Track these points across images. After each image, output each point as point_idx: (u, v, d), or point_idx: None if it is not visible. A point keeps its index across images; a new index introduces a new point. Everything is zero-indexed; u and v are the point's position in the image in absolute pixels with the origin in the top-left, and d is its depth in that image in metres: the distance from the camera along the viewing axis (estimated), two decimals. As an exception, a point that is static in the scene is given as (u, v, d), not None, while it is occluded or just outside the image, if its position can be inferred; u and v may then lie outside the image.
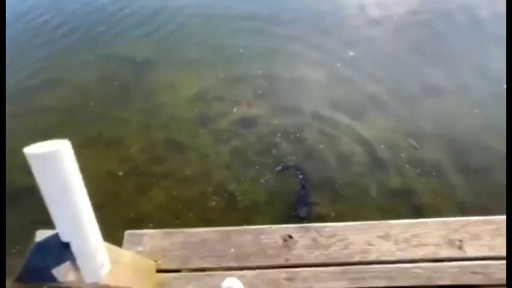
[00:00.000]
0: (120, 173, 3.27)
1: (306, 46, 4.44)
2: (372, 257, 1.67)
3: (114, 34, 4.84)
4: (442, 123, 3.51)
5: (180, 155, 3.40)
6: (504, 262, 1.65)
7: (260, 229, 1.78)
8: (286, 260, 1.69)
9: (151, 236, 1.78)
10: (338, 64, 4.16)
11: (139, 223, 2.94)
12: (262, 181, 3.15)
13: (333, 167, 3.23)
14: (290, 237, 1.76)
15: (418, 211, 2.88)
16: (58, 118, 3.76)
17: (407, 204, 2.98)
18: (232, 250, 1.73)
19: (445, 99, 3.73)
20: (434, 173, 3.12)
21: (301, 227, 1.79)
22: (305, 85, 3.99)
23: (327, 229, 1.77)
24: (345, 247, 1.71)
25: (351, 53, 4.27)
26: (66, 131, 3.59)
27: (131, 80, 4.17)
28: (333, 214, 2.89)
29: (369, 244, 1.72)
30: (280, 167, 3.21)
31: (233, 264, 1.68)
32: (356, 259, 1.67)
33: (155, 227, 2.88)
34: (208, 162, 3.33)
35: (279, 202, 3.04)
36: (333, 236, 1.75)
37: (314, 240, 1.74)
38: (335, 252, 1.68)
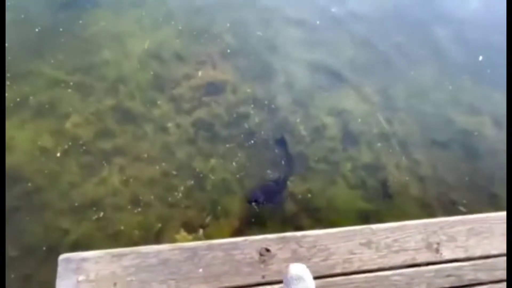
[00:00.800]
0: (59, 150, 2.65)
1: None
2: (354, 267, 1.54)
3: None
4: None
5: (134, 127, 2.85)
6: (475, 262, 1.67)
7: (232, 243, 1.49)
8: (263, 277, 1.47)
9: (96, 260, 1.39)
10: (318, 22, 3.62)
11: (89, 210, 2.49)
12: (233, 158, 2.84)
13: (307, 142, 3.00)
14: (267, 250, 1.53)
15: (384, 185, 2.88)
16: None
17: (375, 179, 2.95)
18: (200, 270, 1.43)
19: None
20: (401, 147, 3.08)
21: (280, 237, 1.55)
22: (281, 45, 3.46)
23: (308, 238, 1.56)
24: (327, 258, 1.54)
25: (333, 10, 3.72)
26: None
27: (61, 25, 3.19)
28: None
29: (351, 252, 1.57)
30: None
31: (203, 286, 1.44)
32: (338, 270, 1.52)
33: (110, 215, 2.49)
34: (169, 136, 2.87)
35: (251, 181, 2.79)
36: (314, 246, 1.56)
37: (294, 252, 1.53)
38: (316, 265, 1.50)
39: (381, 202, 2.71)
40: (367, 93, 3.23)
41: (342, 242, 1.58)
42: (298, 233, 1.57)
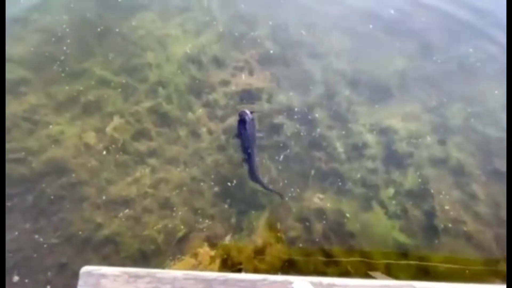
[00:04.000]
0: (100, 147, 2.68)
1: None
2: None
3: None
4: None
5: (168, 130, 2.78)
6: None
7: (250, 281, 1.31)
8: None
9: (114, 278, 1.31)
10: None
11: (121, 207, 2.46)
12: (262, 170, 2.61)
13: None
14: (288, 291, 1.31)
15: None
16: (24, 72, 2.96)
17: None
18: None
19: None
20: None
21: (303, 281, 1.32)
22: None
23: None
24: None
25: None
26: (34, 90, 2.86)
27: (114, 26, 3.23)
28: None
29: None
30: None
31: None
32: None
33: (139, 215, 2.44)
34: (201, 142, 2.74)
35: (277, 196, 2.55)
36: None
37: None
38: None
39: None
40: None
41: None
42: (325, 280, 1.31)
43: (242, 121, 2.53)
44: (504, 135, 2.61)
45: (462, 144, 2.60)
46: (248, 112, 2.55)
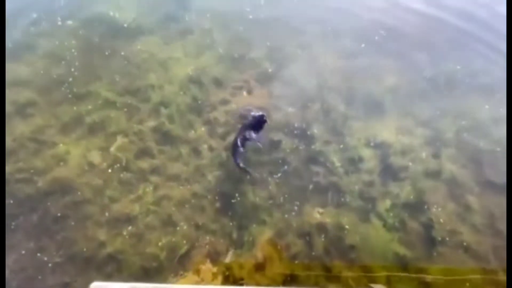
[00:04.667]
0: (104, 166, 2.73)
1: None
2: None
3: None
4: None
5: (170, 148, 2.85)
6: None
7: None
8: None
9: None
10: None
11: (124, 225, 2.48)
12: (263, 185, 2.68)
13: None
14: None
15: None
16: (31, 95, 3.04)
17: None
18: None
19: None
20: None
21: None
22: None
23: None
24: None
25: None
26: (41, 112, 2.93)
27: (118, 51, 3.39)
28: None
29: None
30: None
31: None
32: None
33: (142, 232, 2.45)
34: (202, 159, 2.80)
35: (282, 211, 2.53)
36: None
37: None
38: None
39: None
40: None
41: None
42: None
43: (260, 120, 2.64)
44: (495, 147, 2.70)
45: (455, 157, 2.69)
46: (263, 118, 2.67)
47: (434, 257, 2.26)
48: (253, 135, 2.62)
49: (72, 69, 3.16)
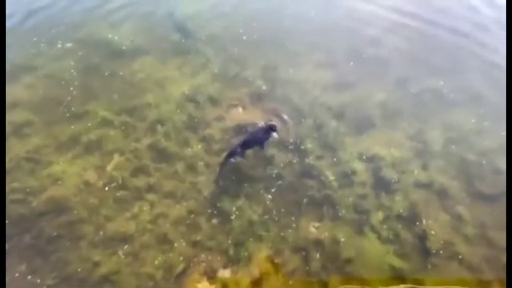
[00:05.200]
0: (100, 184, 2.73)
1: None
2: None
3: (96, 15, 4.00)
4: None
5: (166, 165, 2.87)
6: None
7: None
8: None
9: None
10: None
11: (119, 244, 2.44)
12: (258, 200, 2.69)
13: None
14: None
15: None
16: (28, 115, 3.06)
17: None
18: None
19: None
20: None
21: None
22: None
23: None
24: None
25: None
26: (38, 131, 2.92)
27: (117, 70, 3.47)
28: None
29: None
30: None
31: None
32: None
33: (138, 251, 2.39)
34: (198, 176, 2.81)
35: (278, 226, 2.53)
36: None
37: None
38: None
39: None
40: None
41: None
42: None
43: (270, 130, 2.83)
44: (481, 159, 2.79)
45: (444, 168, 2.76)
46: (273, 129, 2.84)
47: (429, 269, 2.26)
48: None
49: (71, 88, 3.23)
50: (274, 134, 2.84)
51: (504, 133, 2.93)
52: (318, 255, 2.37)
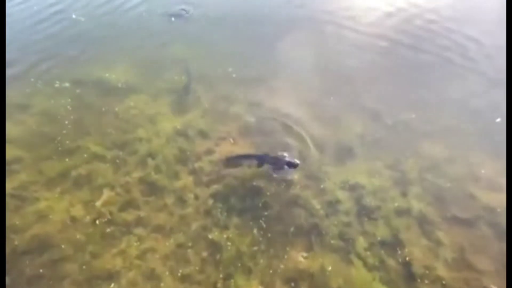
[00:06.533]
0: (87, 220, 2.70)
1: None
2: None
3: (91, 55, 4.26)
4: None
5: (156, 198, 2.90)
6: None
7: None
8: None
9: None
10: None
11: (105, 282, 2.36)
12: (248, 230, 2.71)
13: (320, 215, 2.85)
14: None
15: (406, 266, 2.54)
16: (18, 152, 3.08)
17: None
18: None
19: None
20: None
21: None
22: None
23: None
24: None
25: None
26: (27, 167, 2.94)
27: (111, 108, 3.63)
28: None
29: None
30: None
31: None
32: None
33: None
34: (187, 208, 2.84)
35: (267, 257, 2.53)
36: None
37: None
38: None
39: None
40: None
41: None
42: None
43: (291, 165, 3.06)
44: (453, 185, 3.00)
45: (421, 195, 2.93)
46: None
47: (416, 295, 2.31)
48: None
49: (66, 122, 3.32)
50: (291, 171, 3.06)
51: (474, 160, 3.19)
52: (307, 286, 2.37)
